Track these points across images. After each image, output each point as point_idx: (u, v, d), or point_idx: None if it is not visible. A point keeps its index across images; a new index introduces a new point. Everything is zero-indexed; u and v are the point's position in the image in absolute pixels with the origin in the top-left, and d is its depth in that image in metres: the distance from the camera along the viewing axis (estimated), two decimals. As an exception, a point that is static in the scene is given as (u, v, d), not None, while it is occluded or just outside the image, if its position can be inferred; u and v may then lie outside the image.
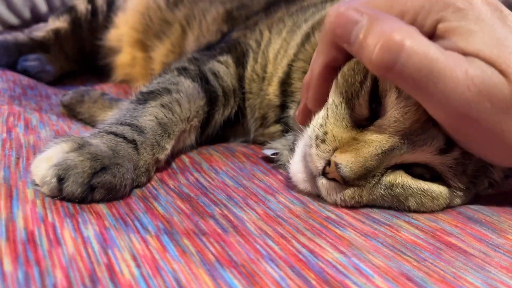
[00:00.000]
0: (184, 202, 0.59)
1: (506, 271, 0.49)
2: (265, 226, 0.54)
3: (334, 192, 0.59)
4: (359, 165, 0.56)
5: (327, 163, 0.58)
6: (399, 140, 0.56)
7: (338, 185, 0.59)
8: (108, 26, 1.31)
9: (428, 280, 0.46)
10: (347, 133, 0.59)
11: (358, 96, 0.59)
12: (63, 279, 0.40)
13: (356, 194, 0.59)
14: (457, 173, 0.59)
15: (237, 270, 0.45)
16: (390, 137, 0.56)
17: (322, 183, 0.60)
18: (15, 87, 1.03)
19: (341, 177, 0.57)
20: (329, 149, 0.58)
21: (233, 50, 0.89)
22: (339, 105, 0.60)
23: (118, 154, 0.59)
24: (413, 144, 0.56)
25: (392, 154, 0.57)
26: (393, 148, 0.56)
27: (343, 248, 0.51)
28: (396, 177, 0.60)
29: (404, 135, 0.56)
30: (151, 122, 0.67)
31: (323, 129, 0.60)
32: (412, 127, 0.56)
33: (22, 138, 0.72)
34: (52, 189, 0.53)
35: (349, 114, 0.59)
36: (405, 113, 0.56)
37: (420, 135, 0.56)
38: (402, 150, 0.57)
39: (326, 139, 0.59)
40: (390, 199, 0.60)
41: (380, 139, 0.57)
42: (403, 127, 0.56)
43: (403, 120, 0.56)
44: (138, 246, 0.47)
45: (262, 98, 0.83)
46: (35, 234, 0.46)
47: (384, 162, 0.58)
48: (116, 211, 0.54)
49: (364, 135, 0.58)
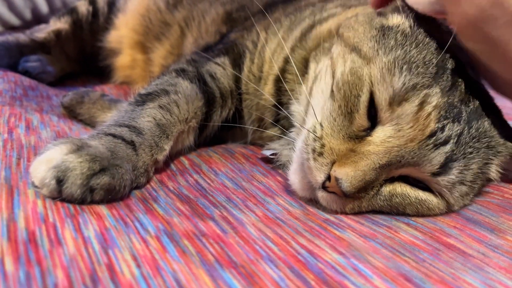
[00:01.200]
0: (183, 203, 0.59)
1: (505, 272, 0.49)
2: (264, 228, 0.55)
3: (334, 203, 0.60)
4: (359, 179, 0.56)
5: (327, 178, 0.59)
6: (395, 157, 0.57)
7: (338, 197, 0.59)
8: (108, 28, 1.31)
9: (426, 281, 0.46)
10: (344, 145, 0.59)
11: (357, 109, 0.60)
12: (64, 279, 0.40)
13: (356, 205, 0.60)
14: (454, 190, 0.60)
15: (236, 271, 0.45)
16: (386, 151, 0.57)
17: (322, 196, 0.60)
18: (17, 88, 1.04)
19: (341, 191, 0.57)
20: (327, 162, 0.59)
21: (230, 52, 0.89)
22: (337, 118, 0.61)
23: (116, 155, 0.59)
24: (408, 162, 0.57)
25: (390, 168, 0.58)
26: (389, 163, 0.57)
27: (342, 249, 0.51)
28: (395, 187, 0.60)
29: (399, 152, 0.57)
30: (149, 123, 0.68)
31: (320, 141, 0.60)
32: (407, 145, 0.57)
33: (23, 139, 0.72)
34: (51, 191, 0.53)
35: (347, 126, 0.60)
36: (398, 131, 0.57)
37: (415, 154, 0.57)
38: (399, 165, 0.58)
39: (324, 152, 0.59)
40: (388, 208, 0.61)
41: (377, 151, 0.57)
42: (398, 144, 0.57)
43: (397, 137, 0.57)
44: (138, 247, 0.47)
45: (259, 99, 0.83)
46: (36, 234, 0.46)
47: (383, 175, 0.58)
48: (116, 212, 0.54)
49: (362, 146, 0.58)
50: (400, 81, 0.57)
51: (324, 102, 0.64)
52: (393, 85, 0.57)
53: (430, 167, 0.58)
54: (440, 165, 0.57)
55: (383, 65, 0.59)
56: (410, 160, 0.57)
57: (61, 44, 1.34)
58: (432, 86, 0.58)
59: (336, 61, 0.65)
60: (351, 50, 0.64)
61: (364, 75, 0.60)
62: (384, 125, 0.58)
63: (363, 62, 0.61)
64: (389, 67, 0.58)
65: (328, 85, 0.65)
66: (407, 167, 0.58)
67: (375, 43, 0.62)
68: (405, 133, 0.57)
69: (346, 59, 0.64)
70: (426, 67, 0.58)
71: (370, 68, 0.60)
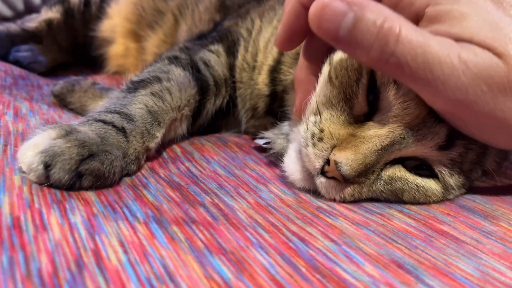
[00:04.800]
0: (174, 190, 0.58)
1: (498, 258, 0.48)
2: (255, 215, 0.54)
3: (334, 190, 0.58)
4: (359, 162, 0.55)
5: (325, 162, 0.57)
6: (398, 135, 0.55)
7: (338, 183, 0.58)
8: (101, 17, 1.30)
9: (419, 267, 0.45)
10: (345, 130, 0.58)
11: (356, 94, 0.58)
12: (48, 264, 0.39)
13: (356, 191, 0.59)
14: (454, 172, 0.59)
15: (226, 257, 0.44)
16: (389, 132, 0.56)
17: (320, 182, 0.59)
18: (6, 77, 1.02)
19: (341, 175, 0.56)
20: (327, 147, 0.57)
21: (225, 39, 0.88)
22: (336, 104, 0.59)
23: (106, 141, 0.58)
24: (412, 139, 0.56)
25: (392, 149, 0.56)
26: (392, 143, 0.56)
27: (334, 237, 0.50)
28: (395, 171, 0.59)
29: (403, 130, 0.55)
30: (141, 110, 0.67)
31: (318, 126, 0.59)
32: (412, 122, 0.55)
33: (10, 126, 0.71)
34: (39, 176, 0.52)
35: (347, 111, 0.58)
36: (404, 108, 0.55)
37: (420, 129, 0.56)
38: (402, 145, 0.56)
39: (323, 137, 0.58)
40: (389, 194, 0.60)
41: (379, 134, 0.56)
42: (403, 122, 0.55)
43: (403, 115, 0.55)
44: (126, 233, 0.46)
45: (253, 88, 0.82)
46: (21, 220, 0.45)
47: (384, 157, 0.57)
48: (105, 198, 0.53)
49: (362, 131, 0.57)
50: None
51: (321, 88, 0.62)
52: None
53: (438, 139, 0.56)
54: (446, 137, 0.56)
55: None
56: (415, 134, 0.55)
57: (52, 34, 1.33)
58: None
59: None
60: None
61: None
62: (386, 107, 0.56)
63: None
64: None
65: (325, 71, 0.63)
66: (410, 147, 0.56)
67: None
68: (410, 111, 0.55)
69: None
70: None
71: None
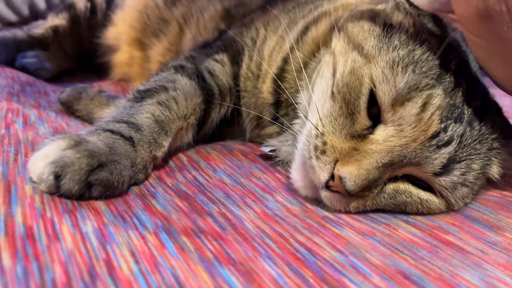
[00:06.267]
0: (182, 200, 0.59)
1: (503, 268, 0.49)
2: (263, 225, 0.54)
3: (338, 203, 0.60)
4: (363, 178, 0.56)
5: (330, 177, 0.58)
6: (397, 156, 0.57)
7: (342, 196, 0.59)
8: (106, 24, 1.30)
9: (425, 278, 0.46)
10: (347, 143, 0.59)
11: (358, 110, 0.59)
12: (62, 274, 0.40)
13: (360, 204, 0.60)
14: (455, 191, 0.60)
15: (235, 268, 0.45)
16: (388, 150, 0.57)
17: (325, 196, 0.60)
18: (14, 84, 1.03)
19: (345, 190, 0.57)
20: (330, 160, 0.58)
21: (229, 48, 0.89)
22: (338, 118, 0.60)
23: (115, 151, 0.59)
24: (410, 162, 0.57)
25: (393, 167, 0.58)
26: (391, 162, 0.57)
27: (340, 247, 0.51)
28: (398, 185, 0.60)
29: (402, 152, 0.57)
30: (148, 119, 0.67)
31: (321, 139, 0.60)
32: (409, 145, 0.57)
33: (20, 134, 0.72)
34: (49, 187, 0.53)
35: (349, 125, 0.60)
36: (400, 131, 0.57)
37: (418, 154, 0.57)
38: (402, 164, 0.57)
39: (326, 150, 0.59)
40: (392, 206, 0.61)
41: (379, 150, 0.57)
42: (400, 144, 0.57)
43: (399, 137, 0.57)
44: (136, 243, 0.47)
45: (257, 97, 0.83)
46: (34, 230, 0.46)
47: (386, 173, 0.58)
48: (115, 208, 0.54)
49: (364, 145, 0.58)
50: (403, 81, 0.57)
51: (324, 101, 0.63)
52: (396, 84, 0.57)
53: (432, 167, 0.57)
54: (442, 165, 0.57)
55: (386, 64, 0.58)
56: (413, 160, 0.57)
57: (58, 40, 1.33)
58: (435, 87, 0.57)
59: (337, 59, 0.65)
60: (354, 48, 0.63)
61: (364, 76, 0.59)
62: (387, 124, 0.58)
63: (364, 61, 0.60)
64: (392, 66, 0.58)
65: (328, 84, 0.64)
66: (410, 167, 0.58)
67: (378, 42, 0.61)
68: (407, 133, 0.57)
69: (347, 58, 0.63)
70: (429, 67, 0.58)
71: (371, 68, 0.59)
